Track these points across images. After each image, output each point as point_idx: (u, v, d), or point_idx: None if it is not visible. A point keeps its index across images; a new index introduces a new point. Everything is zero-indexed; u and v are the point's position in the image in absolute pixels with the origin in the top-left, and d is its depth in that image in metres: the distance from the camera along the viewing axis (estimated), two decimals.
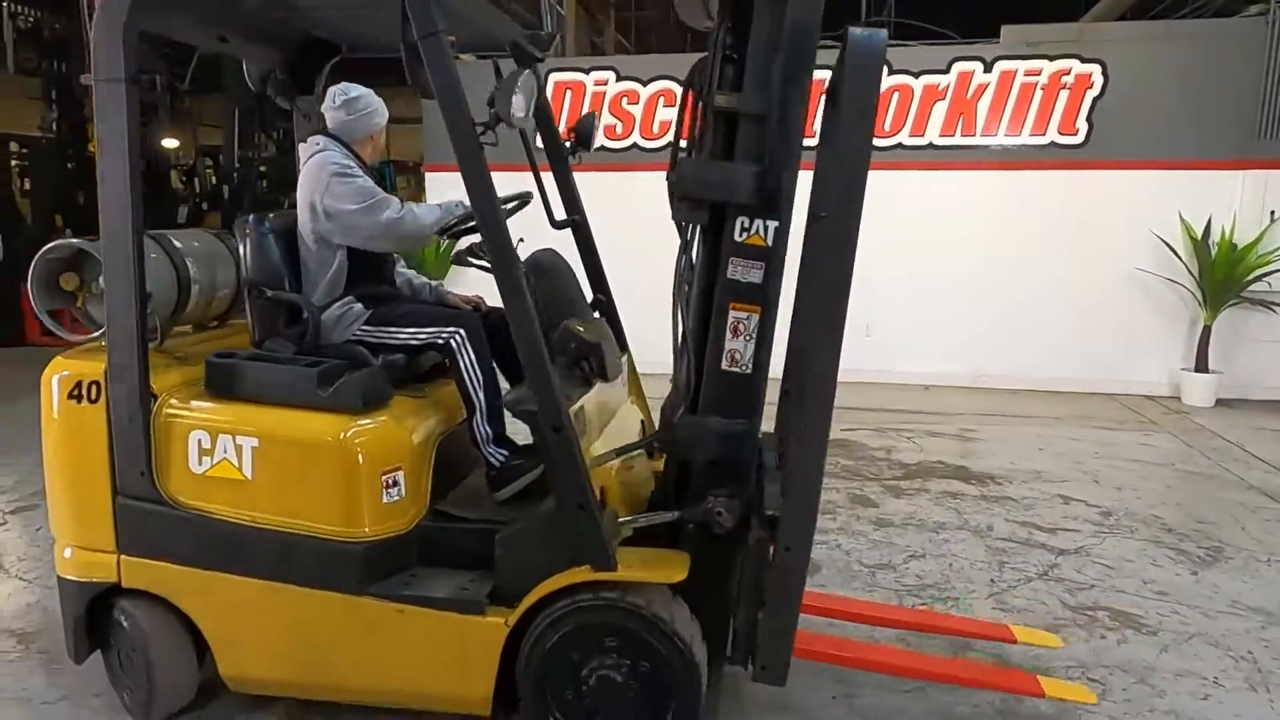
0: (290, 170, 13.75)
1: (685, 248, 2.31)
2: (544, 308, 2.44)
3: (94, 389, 2.37)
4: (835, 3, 2.10)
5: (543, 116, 2.82)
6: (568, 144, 2.82)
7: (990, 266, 6.96)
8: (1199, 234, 6.42)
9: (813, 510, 2.05)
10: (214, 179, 12.71)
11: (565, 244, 2.93)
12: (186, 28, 2.63)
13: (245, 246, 2.63)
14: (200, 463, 2.34)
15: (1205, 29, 6.88)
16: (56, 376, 2.39)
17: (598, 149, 8.55)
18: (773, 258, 2.12)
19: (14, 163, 9.35)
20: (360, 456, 2.27)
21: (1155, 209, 6.60)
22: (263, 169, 13.19)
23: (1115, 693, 2.70)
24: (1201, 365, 6.52)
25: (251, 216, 2.65)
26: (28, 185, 9.43)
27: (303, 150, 2.73)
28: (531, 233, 2.58)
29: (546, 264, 2.70)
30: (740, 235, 2.11)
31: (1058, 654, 2.87)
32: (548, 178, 2.91)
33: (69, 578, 2.46)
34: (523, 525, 2.27)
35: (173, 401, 2.38)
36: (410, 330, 2.57)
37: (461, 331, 2.51)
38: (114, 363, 2.32)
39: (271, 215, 2.70)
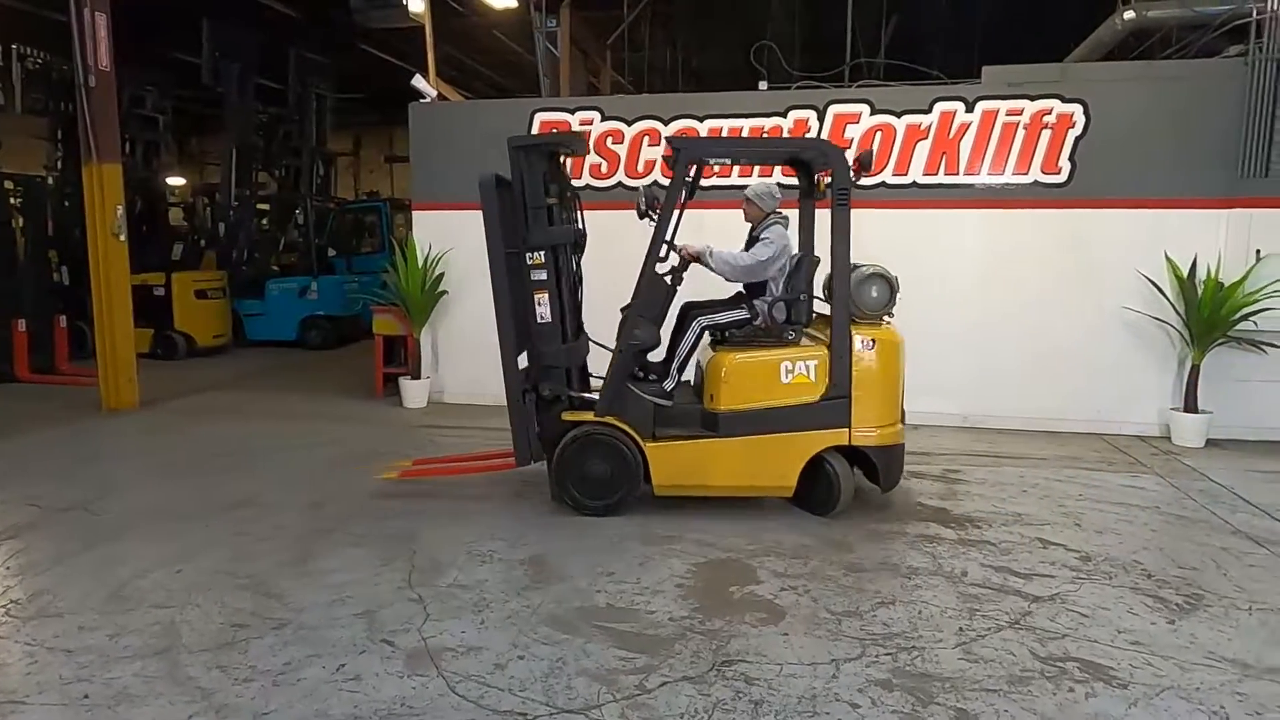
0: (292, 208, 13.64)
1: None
2: None
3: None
4: (835, 48, 2.30)
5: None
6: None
7: (976, 305, 6.92)
8: (1185, 273, 6.39)
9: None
10: (210, 217, 12.79)
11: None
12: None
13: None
14: None
15: (1187, 70, 6.91)
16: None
17: (584, 187, 8.54)
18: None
19: (12, 201, 9.41)
20: None
21: (1141, 248, 6.58)
22: (262, 206, 13.28)
23: None
24: (1191, 405, 6.43)
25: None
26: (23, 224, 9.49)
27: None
28: None
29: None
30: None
31: (1025, 712, 2.78)
32: None
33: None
34: None
35: None
36: None
37: None
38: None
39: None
